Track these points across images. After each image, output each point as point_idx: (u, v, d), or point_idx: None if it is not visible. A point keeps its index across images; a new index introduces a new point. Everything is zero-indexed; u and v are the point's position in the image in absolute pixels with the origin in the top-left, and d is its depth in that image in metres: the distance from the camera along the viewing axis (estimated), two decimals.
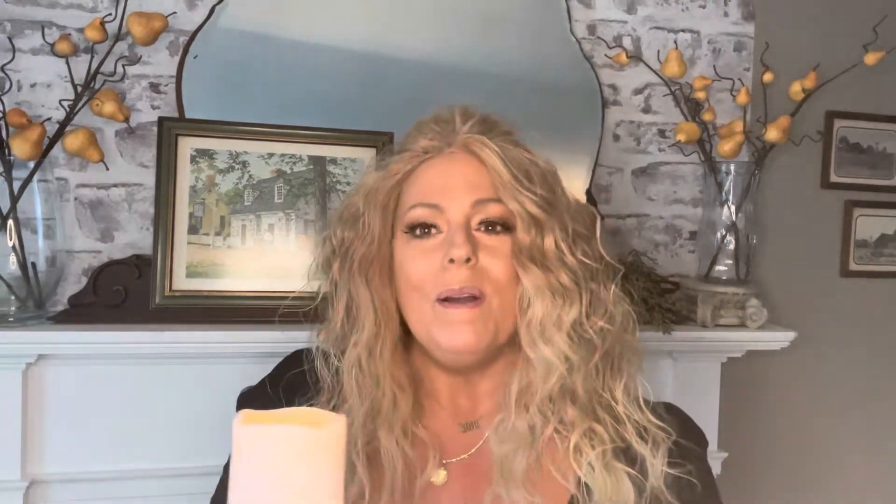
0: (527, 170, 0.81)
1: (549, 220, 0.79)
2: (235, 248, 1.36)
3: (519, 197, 0.79)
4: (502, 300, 0.79)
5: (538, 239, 0.79)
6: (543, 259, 0.79)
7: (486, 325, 0.79)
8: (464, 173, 0.82)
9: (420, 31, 1.56)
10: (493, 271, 0.79)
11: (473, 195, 0.81)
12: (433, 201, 0.81)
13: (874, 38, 1.61)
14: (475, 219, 0.81)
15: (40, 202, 1.31)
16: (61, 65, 1.33)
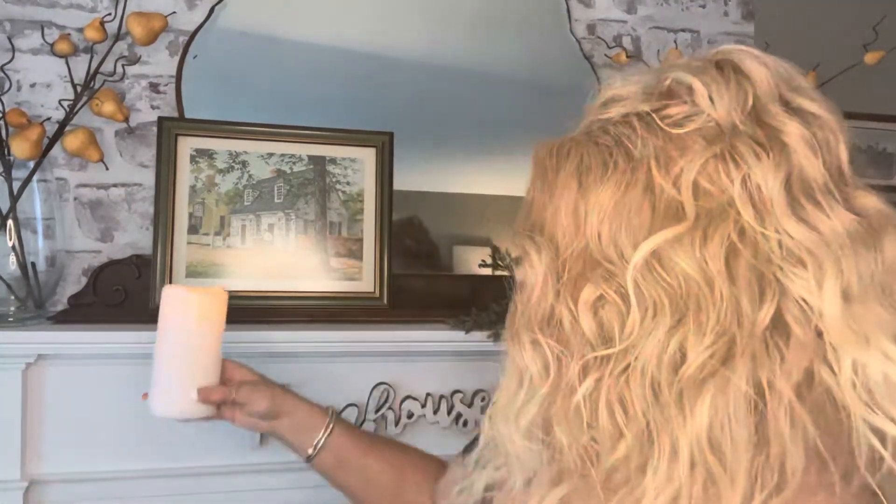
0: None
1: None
2: (235, 248, 1.36)
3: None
4: None
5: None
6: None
7: None
8: None
9: (420, 30, 1.56)
10: None
11: None
12: None
13: (874, 38, 1.61)
14: None
15: (40, 202, 1.31)
16: (61, 65, 1.33)
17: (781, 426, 0.50)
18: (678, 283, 0.52)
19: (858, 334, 0.51)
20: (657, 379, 0.52)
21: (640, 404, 0.53)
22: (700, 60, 0.60)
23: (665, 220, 0.54)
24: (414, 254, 1.52)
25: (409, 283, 1.45)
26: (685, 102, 0.57)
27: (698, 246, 0.52)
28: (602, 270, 0.56)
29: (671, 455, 0.51)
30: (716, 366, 0.51)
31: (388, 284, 1.40)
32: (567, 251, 0.58)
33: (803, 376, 0.51)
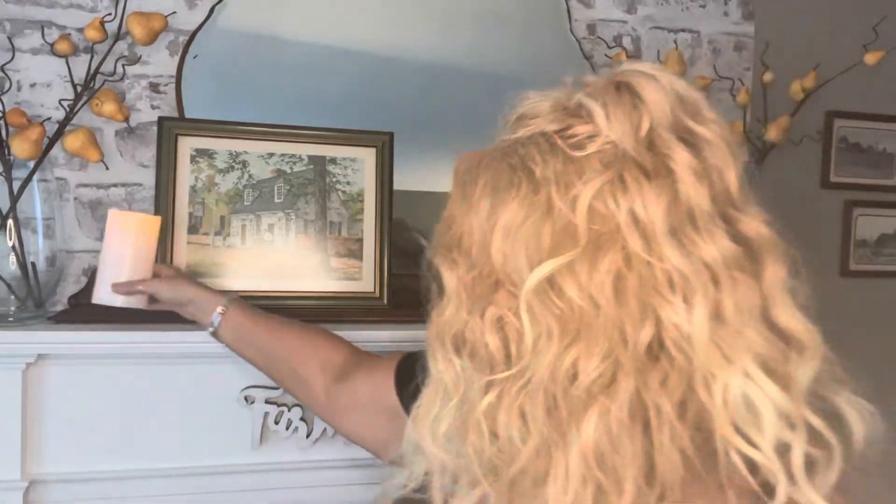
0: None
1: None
2: (235, 247, 1.36)
3: None
4: None
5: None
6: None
7: None
8: None
9: (420, 30, 1.56)
10: None
11: None
12: None
13: (874, 38, 1.62)
14: None
15: (40, 202, 1.31)
16: (61, 64, 1.33)
17: (663, 442, 0.54)
18: (568, 308, 0.55)
19: (724, 356, 0.54)
20: (553, 395, 0.55)
21: (538, 419, 0.56)
22: (604, 79, 0.61)
23: (562, 244, 0.56)
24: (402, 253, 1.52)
25: (409, 283, 1.45)
26: (588, 123, 0.59)
27: (587, 272, 0.55)
28: (505, 291, 0.58)
29: (565, 467, 0.54)
30: (603, 385, 0.54)
31: (388, 284, 1.40)
32: (477, 269, 0.60)
33: (682, 396, 0.54)
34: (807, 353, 0.57)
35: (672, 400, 0.54)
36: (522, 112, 0.65)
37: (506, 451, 0.58)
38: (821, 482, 0.55)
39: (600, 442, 0.54)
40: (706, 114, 0.60)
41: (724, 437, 0.53)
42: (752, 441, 0.53)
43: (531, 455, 0.56)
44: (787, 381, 0.55)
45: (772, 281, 0.58)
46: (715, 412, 0.54)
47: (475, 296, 0.60)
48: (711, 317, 0.54)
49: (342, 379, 1.04)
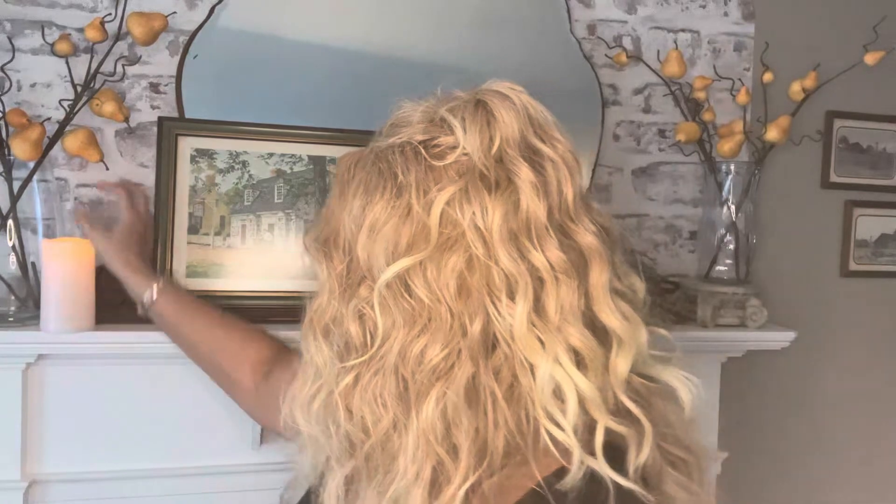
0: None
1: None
2: (235, 248, 1.36)
3: None
4: None
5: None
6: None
7: None
8: None
9: (420, 30, 1.56)
10: None
11: None
12: None
13: (874, 38, 1.61)
14: None
15: (40, 202, 1.31)
16: (61, 65, 1.33)
17: (492, 419, 0.62)
18: (417, 301, 0.63)
19: (541, 348, 0.62)
20: (403, 378, 0.63)
21: (390, 400, 0.63)
22: (467, 95, 0.68)
23: (416, 245, 0.63)
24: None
25: None
26: (450, 135, 0.66)
27: (435, 270, 0.62)
28: (366, 285, 0.66)
29: (411, 442, 0.62)
30: (444, 370, 0.62)
31: None
32: (347, 262, 0.68)
33: (511, 382, 0.63)
34: (624, 346, 0.65)
35: (502, 385, 0.62)
36: (395, 120, 0.71)
37: (361, 429, 0.65)
38: (633, 456, 0.62)
39: (439, 421, 0.61)
40: (553, 134, 0.69)
41: (536, 419, 0.62)
42: (558, 422, 0.61)
43: (383, 432, 0.64)
44: (605, 370, 0.64)
45: (596, 284, 0.65)
46: (532, 396, 0.62)
47: (344, 287, 0.67)
48: (532, 313, 0.62)
49: (269, 376, 1.06)
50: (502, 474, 0.62)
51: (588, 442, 0.62)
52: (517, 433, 0.63)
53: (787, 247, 1.81)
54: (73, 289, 1.21)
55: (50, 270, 1.21)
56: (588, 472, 0.61)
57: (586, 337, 0.63)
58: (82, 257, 1.22)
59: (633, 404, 0.64)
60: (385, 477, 0.64)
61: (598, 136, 1.65)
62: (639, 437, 0.64)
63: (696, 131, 1.60)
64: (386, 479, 0.64)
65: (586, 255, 0.65)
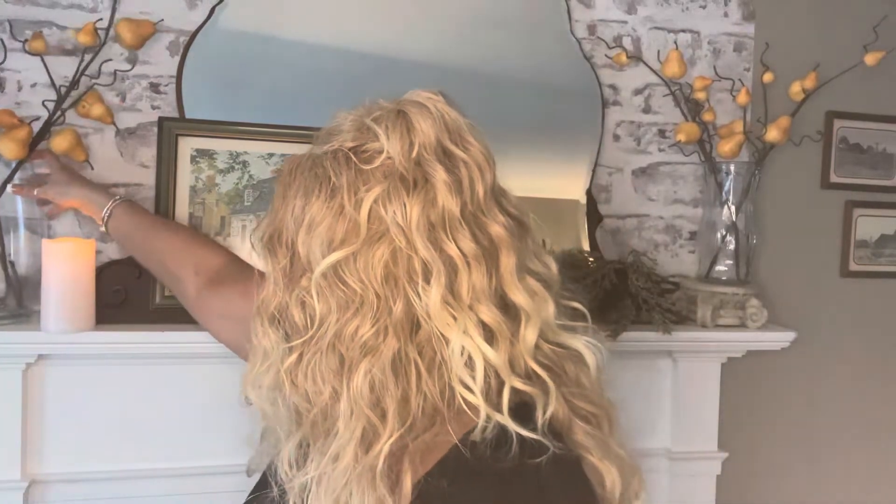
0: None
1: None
2: (235, 248, 1.36)
3: None
4: None
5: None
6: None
7: None
8: None
9: (420, 30, 1.56)
10: None
11: None
12: None
13: (874, 38, 1.62)
14: None
15: (21, 201, 1.32)
16: (60, 65, 1.33)
17: (415, 388, 0.71)
18: (350, 288, 0.72)
19: (454, 321, 0.71)
20: (340, 354, 0.72)
21: (328, 373, 0.73)
22: (390, 104, 0.77)
23: (348, 239, 0.72)
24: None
25: None
26: (377, 141, 0.74)
27: (364, 261, 0.71)
28: (307, 276, 0.74)
29: (346, 406, 0.71)
30: (373, 346, 0.71)
31: None
32: (289, 257, 0.76)
33: (431, 354, 0.72)
34: (531, 319, 0.75)
35: (424, 358, 0.72)
36: (329, 129, 0.80)
37: (306, 400, 0.74)
38: (540, 412, 0.73)
39: (367, 388, 0.71)
40: (466, 138, 0.77)
41: (451, 385, 0.71)
42: (469, 386, 0.71)
43: (325, 402, 0.73)
44: (513, 341, 0.74)
45: (505, 267, 0.74)
46: (448, 365, 0.71)
47: (288, 280, 0.76)
48: (447, 294, 0.71)
49: (216, 284, 1.13)
50: (428, 434, 0.72)
51: (498, 403, 0.71)
52: (439, 398, 0.72)
53: (787, 247, 1.81)
54: (72, 289, 1.21)
55: (50, 271, 1.21)
56: (498, 426, 0.71)
57: (494, 313, 0.73)
58: (82, 258, 1.23)
59: (540, 368, 0.75)
60: (327, 439, 0.73)
61: (598, 137, 1.65)
62: (545, 395, 0.74)
63: (697, 131, 1.60)
64: (327, 441, 0.73)
65: (496, 243, 0.75)
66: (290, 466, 0.77)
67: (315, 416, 0.74)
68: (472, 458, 0.70)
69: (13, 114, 1.28)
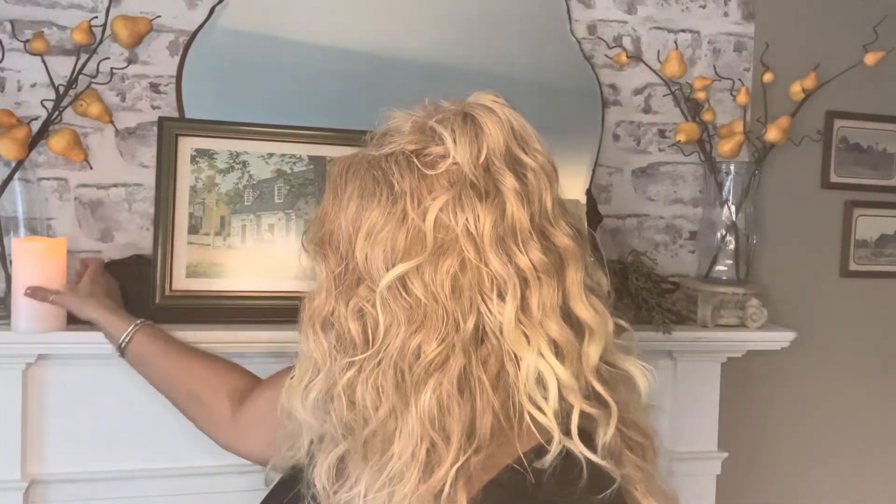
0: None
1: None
2: (235, 248, 1.36)
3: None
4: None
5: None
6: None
7: None
8: None
9: (420, 30, 1.56)
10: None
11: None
12: None
13: (874, 38, 1.62)
14: None
15: (21, 201, 1.32)
16: (60, 65, 1.33)
17: (480, 405, 0.68)
18: (415, 301, 0.68)
19: (526, 341, 0.69)
20: (401, 371, 0.68)
21: (388, 390, 0.69)
22: (455, 107, 0.74)
23: (412, 249, 0.69)
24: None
25: None
26: (440, 145, 0.71)
27: (431, 273, 0.68)
28: (365, 286, 0.71)
29: (408, 428, 0.68)
30: (439, 363, 0.68)
31: None
32: (345, 263, 0.72)
33: (497, 371, 0.69)
34: (595, 336, 0.72)
35: (489, 374, 0.69)
36: (386, 129, 0.76)
37: (361, 416, 0.71)
38: (601, 436, 0.70)
39: (434, 408, 0.67)
40: (533, 145, 0.74)
41: (520, 404, 0.69)
42: (541, 407, 0.68)
43: (382, 419, 0.69)
44: (578, 358, 0.71)
45: (571, 281, 0.72)
46: (517, 384, 0.69)
47: (342, 287, 0.72)
48: (518, 310, 0.69)
49: (245, 399, 1.09)
50: (486, 453, 0.69)
51: (564, 424, 0.69)
52: (503, 417, 0.70)
53: (787, 247, 1.81)
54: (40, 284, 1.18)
55: (19, 269, 1.19)
56: (563, 450, 0.68)
57: (564, 330, 0.70)
58: (52, 257, 1.21)
59: (602, 388, 0.72)
60: (381, 458, 0.70)
61: (598, 136, 1.65)
62: (606, 417, 0.71)
63: (696, 131, 1.60)
64: (382, 459, 0.69)
65: (563, 255, 0.72)
66: (330, 480, 0.74)
67: (370, 433, 0.71)
68: (534, 483, 0.67)
69: (12, 113, 1.27)
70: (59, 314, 1.22)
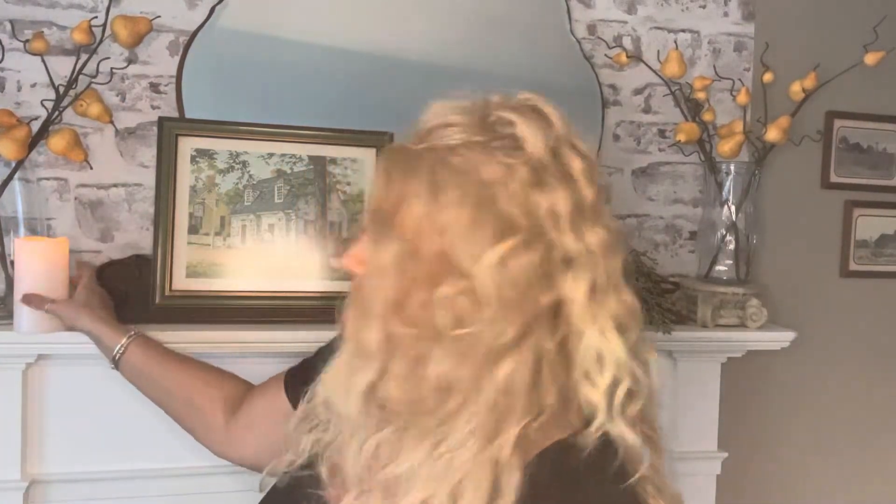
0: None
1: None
2: (235, 248, 1.36)
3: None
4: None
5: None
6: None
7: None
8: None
9: (420, 30, 1.56)
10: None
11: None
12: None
13: (874, 38, 1.61)
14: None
15: (21, 201, 1.32)
16: (60, 65, 1.33)
17: (546, 381, 0.72)
18: (504, 282, 0.69)
19: (592, 317, 0.72)
20: (481, 349, 0.70)
21: (464, 368, 0.70)
22: (516, 101, 0.77)
23: (504, 233, 0.70)
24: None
25: None
26: (509, 136, 0.73)
27: (521, 256, 0.70)
28: (456, 273, 0.70)
29: (478, 402, 0.70)
30: (518, 339, 0.70)
31: None
32: (421, 251, 0.71)
33: (564, 347, 0.73)
34: (634, 321, 0.76)
35: (558, 351, 0.73)
36: (445, 121, 0.76)
37: (427, 394, 0.71)
38: (632, 408, 0.75)
39: (506, 383, 0.70)
40: (579, 135, 0.78)
41: (576, 380, 0.73)
42: (595, 383, 0.73)
43: (453, 395, 0.70)
44: (630, 337, 0.75)
45: (620, 262, 0.76)
46: (577, 360, 0.73)
47: (423, 274, 0.71)
48: (589, 288, 0.72)
49: (239, 406, 1.11)
50: (542, 424, 0.72)
51: (609, 402, 0.73)
52: (561, 391, 0.73)
53: (787, 247, 1.81)
54: (45, 289, 1.18)
55: (22, 269, 1.19)
56: (604, 430, 0.73)
57: (622, 307, 0.74)
58: (55, 256, 1.21)
59: (640, 368, 0.75)
60: (443, 429, 0.71)
61: (599, 137, 1.65)
62: (639, 391, 0.75)
63: (696, 131, 1.60)
64: (443, 431, 0.71)
65: (616, 234, 0.76)
66: (366, 466, 0.75)
67: (433, 408, 0.71)
68: (575, 460, 0.71)
69: (12, 113, 1.27)
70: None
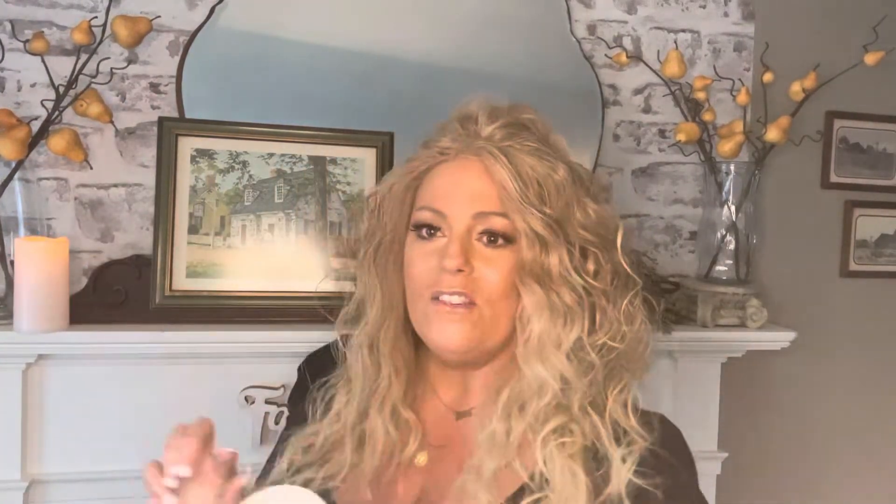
0: (539, 184, 0.81)
1: (555, 239, 0.79)
2: (235, 248, 1.36)
3: (525, 214, 0.79)
4: (494, 311, 0.80)
5: (542, 256, 0.79)
6: (546, 277, 0.79)
7: (473, 331, 0.80)
8: (470, 184, 0.82)
9: (420, 30, 1.56)
10: (486, 282, 0.80)
11: (476, 207, 0.81)
12: (437, 207, 0.82)
13: (874, 38, 1.61)
14: (476, 229, 0.81)
15: (21, 201, 1.33)
16: (59, 65, 1.33)
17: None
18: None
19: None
20: (627, 300, 0.82)
21: (632, 308, 0.83)
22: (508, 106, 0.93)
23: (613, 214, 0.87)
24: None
25: None
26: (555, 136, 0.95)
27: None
28: (601, 251, 0.81)
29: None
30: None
31: None
32: (576, 235, 0.81)
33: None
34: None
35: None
36: (526, 118, 0.92)
37: (614, 339, 0.81)
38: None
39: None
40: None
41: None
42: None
43: (633, 335, 0.82)
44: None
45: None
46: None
47: (578, 255, 0.80)
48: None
49: None
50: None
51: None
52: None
53: (787, 247, 1.81)
54: (45, 288, 1.20)
55: (22, 270, 1.19)
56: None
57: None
58: (55, 257, 1.21)
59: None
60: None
61: (599, 136, 1.65)
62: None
63: (696, 131, 1.60)
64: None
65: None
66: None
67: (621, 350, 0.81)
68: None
69: (12, 113, 1.28)
70: (62, 313, 1.23)
